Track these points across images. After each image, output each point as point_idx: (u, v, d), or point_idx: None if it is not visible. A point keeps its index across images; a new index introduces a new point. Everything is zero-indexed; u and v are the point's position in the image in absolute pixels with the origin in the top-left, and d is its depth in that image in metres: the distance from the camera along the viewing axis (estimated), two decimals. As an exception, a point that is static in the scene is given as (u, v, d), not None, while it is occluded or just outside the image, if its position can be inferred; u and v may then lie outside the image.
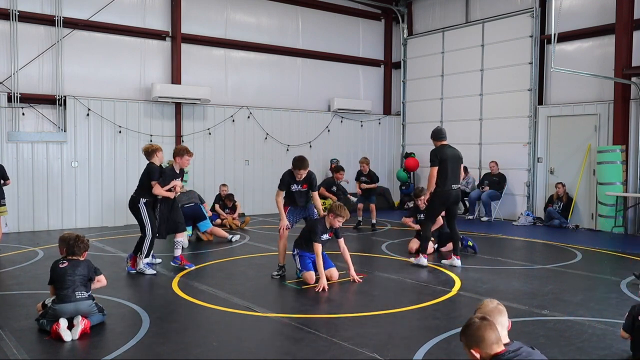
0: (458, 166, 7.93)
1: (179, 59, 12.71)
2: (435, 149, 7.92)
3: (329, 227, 6.97)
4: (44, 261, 7.99)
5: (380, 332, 4.99)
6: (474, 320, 2.97)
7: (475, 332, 2.92)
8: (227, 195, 11.84)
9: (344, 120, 15.56)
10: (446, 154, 7.79)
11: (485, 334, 2.90)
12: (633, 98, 11.23)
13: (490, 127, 13.89)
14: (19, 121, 11.00)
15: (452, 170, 7.79)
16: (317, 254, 6.74)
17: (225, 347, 4.64)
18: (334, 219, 6.85)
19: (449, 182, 7.78)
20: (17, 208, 10.97)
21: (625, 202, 11.26)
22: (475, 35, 14.14)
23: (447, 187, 7.78)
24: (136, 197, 7.39)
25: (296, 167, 7.27)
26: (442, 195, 7.82)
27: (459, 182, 7.99)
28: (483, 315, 3.04)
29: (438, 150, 7.85)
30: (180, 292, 6.37)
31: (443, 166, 7.76)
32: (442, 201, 7.89)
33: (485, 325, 2.92)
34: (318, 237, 6.78)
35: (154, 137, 12.35)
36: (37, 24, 11.24)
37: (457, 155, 7.94)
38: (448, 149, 7.88)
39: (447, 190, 7.79)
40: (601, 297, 6.18)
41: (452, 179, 7.81)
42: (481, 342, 2.90)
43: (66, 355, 4.47)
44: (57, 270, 5.05)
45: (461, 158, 8.02)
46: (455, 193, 7.90)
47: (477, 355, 2.91)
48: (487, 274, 7.38)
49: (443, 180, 7.77)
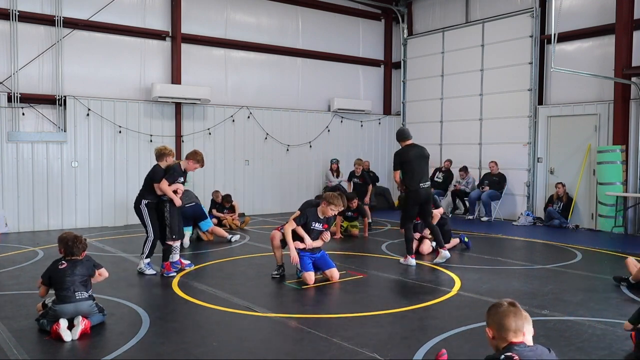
0: (424, 164, 8.05)
1: (179, 59, 12.71)
2: (397, 151, 8.10)
3: (323, 216, 6.97)
4: (44, 261, 7.99)
5: (380, 332, 4.99)
6: (501, 303, 2.95)
7: (496, 313, 2.91)
8: (225, 197, 11.77)
9: (344, 120, 15.56)
10: (409, 155, 7.92)
11: (505, 320, 2.87)
12: (633, 98, 11.23)
13: (490, 127, 13.89)
14: (19, 121, 11.00)
15: (419, 169, 7.93)
16: (286, 232, 6.82)
17: (225, 347, 4.64)
18: (327, 206, 6.87)
19: (416, 182, 7.87)
20: (17, 208, 10.97)
21: (625, 202, 11.26)
22: (475, 35, 14.14)
23: (416, 187, 7.87)
24: (139, 198, 7.38)
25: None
26: (412, 195, 7.91)
27: (427, 179, 8.06)
28: (512, 301, 2.99)
29: (400, 153, 8.01)
30: (180, 292, 6.37)
31: (408, 167, 7.89)
32: (414, 201, 7.95)
33: (510, 312, 2.90)
34: (300, 222, 6.87)
35: (154, 137, 12.35)
36: (37, 24, 11.23)
37: (421, 153, 8.04)
38: (412, 149, 8.00)
39: (416, 189, 7.87)
40: (601, 297, 6.18)
41: (420, 178, 7.90)
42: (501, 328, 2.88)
43: (66, 355, 4.47)
44: (57, 271, 5.06)
45: (427, 156, 8.13)
46: (425, 192, 7.97)
47: (490, 334, 2.92)
48: (487, 274, 7.38)
49: (410, 180, 7.88)
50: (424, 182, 7.98)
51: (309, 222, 6.96)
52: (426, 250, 8.73)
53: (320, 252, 7.03)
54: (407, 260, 7.96)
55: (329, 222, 7.15)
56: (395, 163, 8.03)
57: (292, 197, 14.51)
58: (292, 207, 14.56)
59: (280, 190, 14.43)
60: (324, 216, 7.00)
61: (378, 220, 12.87)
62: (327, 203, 6.86)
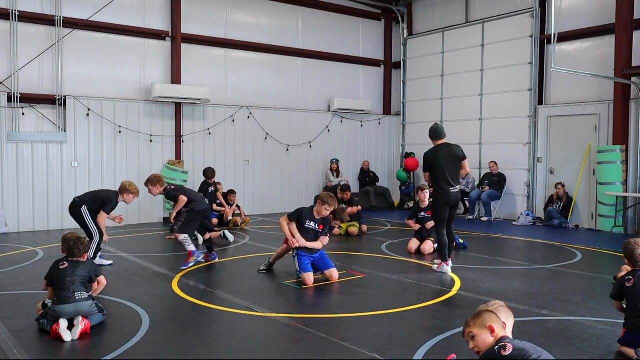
0: (456, 166, 7.44)
1: (179, 59, 12.71)
2: (427, 151, 7.56)
3: (318, 216, 6.98)
4: (44, 261, 8.00)
5: (380, 332, 4.99)
6: (480, 309, 3.25)
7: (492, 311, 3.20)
8: (230, 191, 12.03)
9: (344, 120, 15.56)
10: (438, 157, 7.38)
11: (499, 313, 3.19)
12: (633, 98, 11.23)
13: (490, 127, 13.89)
14: (19, 121, 11.00)
15: (449, 171, 7.35)
16: (282, 224, 6.96)
17: (225, 347, 4.64)
18: (321, 206, 6.90)
19: (446, 185, 7.35)
20: (17, 208, 10.97)
21: (625, 202, 11.26)
22: (475, 35, 14.14)
23: (446, 189, 7.36)
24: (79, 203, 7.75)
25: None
26: (442, 197, 7.42)
27: (458, 182, 7.50)
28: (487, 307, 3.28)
29: (430, 154, 7.47)
30: (180, 292, 6.37)
31: (438, 169, 7.35)
32: (444, 202, 7.45)
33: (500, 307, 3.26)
34: (293, 218, 6.97)
35: (154, 137, 12.36)
36: (37, 24, 11.23)
37: (453, 154, 7.44)
38: (443, 149, 7.44)
39: (446, 191, 7.36)
40: (601, 297, 6.17)
41: (450, 181, 7.36)
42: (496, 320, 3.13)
43: (66, 355, 4.47)
44: (58, 271, 5.06)
45: (459, 156, 7.48)
46: (454, 195, 7.44)
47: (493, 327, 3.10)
48: (487, 274, 7.37)
49: (440, 182, 7.37)
50: (455, 185, 7.41)
51: (302, 219, 6.99)
52: (428, 250, 8.72)
53: (319, 253, 7.03)
54: (441, 268, 7.42)
55: (325, 222, 7.13)
56: (424, 165, 7.52)
57: (292, 197, 14.53)
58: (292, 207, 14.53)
59: (280, 190, 14.43)
60: (320, 216, 7.01)
61: (378, 220, 12.87)
62: (322, 202, 6.90)
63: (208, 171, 11.20)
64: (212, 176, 11.19)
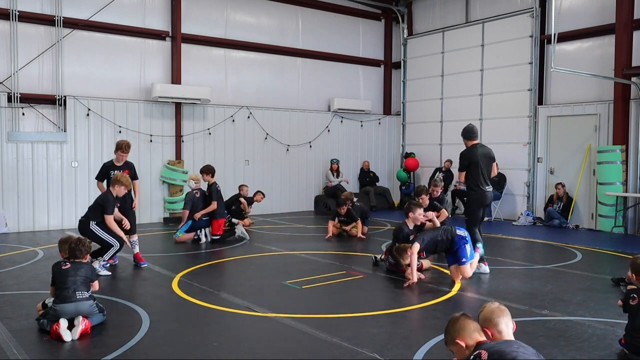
0: (490, 166, 7.56)
1: (179, 59, 12.71)
2: (464, 151, 7.56)
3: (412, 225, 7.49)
4: (44, 261, 8.00)
5: (380, 332, 4.99)
6: (451, 317, 3.33)
7: (453, 324, 3.24)
8: (257, 192, 12.19)
9: (344, 120, 15.56)
10: (476, 156, 7.41)
11: (463, 324, 3.21)
12: (633, 98, 11.23)
13: (490, 127, 13.87)
14: (19, 121, 11.00)
15: (486, 171, 7.45)
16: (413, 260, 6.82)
17: (225, 347, 4.64)
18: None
19: (484, 184, 7.43)
20: (17, 208, 10.97)
21: (625, 202, 11.26)
22: (475, 35, 14.14)
23: (483, 188, 7.42)
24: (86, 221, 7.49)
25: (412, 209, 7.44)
26: (478, 196, 7.45)
27: (491, 182, 7.64)
28: (461, 313, 3.36)
29: (467, 153, 7.50)
30: (180, 292, 6.37)
31: (475, 169, 7.40)
32: (480, 202, 7.52)
33: (461, 318, 3.27)
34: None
35: (154, 137, 12.36)
36: (37, 24, 11.23)
37: (488, 154, 7.56)
38: (479, 149, 7.50)
39: (483, 191, 7.43)
40: (601, 297, 6.18)
41: (487, 180, 7.48)
42: (462, 331, 3.19)
43: (66, 355, 4.47)
44: (60, 271, 5.06)
45: (493, 157, 7.62)
46: (490, 195, 7.57)
47: (463, 344, 3.17)
48: (487, 274, 7.37)
49: (476, 182, 7.41)
50: (490, 185, 7.53)
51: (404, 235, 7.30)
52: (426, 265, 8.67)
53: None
54: (480, 268, 7.35)
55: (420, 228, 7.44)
56: (461, 165, 7.48)
57: (292, 197, 14.53)
58: (292, 207, 14.61)
59: (280, 190, 14.43)
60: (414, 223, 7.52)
61: (378, 220, 12.87)
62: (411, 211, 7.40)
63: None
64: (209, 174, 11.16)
